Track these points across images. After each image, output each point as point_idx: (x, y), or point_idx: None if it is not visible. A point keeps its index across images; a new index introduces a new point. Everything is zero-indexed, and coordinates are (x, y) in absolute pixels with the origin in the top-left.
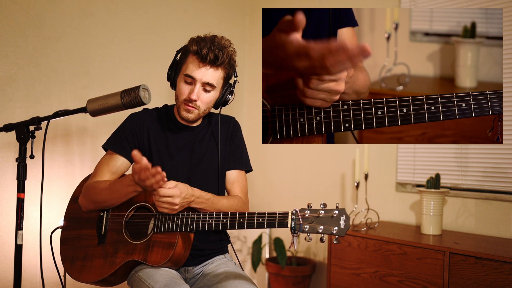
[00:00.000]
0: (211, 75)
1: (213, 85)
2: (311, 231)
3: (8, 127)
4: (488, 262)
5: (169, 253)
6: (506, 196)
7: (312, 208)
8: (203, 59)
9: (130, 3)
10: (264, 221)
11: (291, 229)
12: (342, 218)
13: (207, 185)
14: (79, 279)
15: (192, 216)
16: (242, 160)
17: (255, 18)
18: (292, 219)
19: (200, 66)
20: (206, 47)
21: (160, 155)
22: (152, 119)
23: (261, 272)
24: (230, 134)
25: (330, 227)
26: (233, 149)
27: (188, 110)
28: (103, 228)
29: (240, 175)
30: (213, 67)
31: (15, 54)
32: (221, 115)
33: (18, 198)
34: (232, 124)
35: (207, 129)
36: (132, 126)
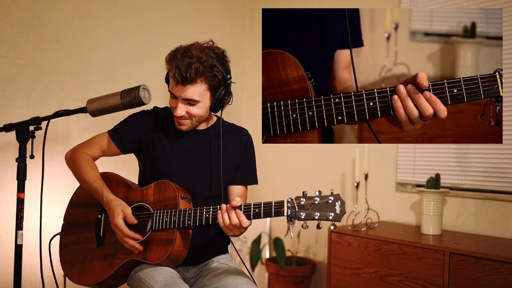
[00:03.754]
0: (191, 92)
1: (195, 100)
2: (307, 218)
3: (8, 127)
4: (488, 262)
5: (168, 249)
6: (506, 196)
7: (307, 195)
8: (176, 81)
9: (130, 3)
10: (261, 211)
11: (287, 217)
12: (338, 204)
13: (206, 188)
14: (79, 282)
15: (189, 211)
16: (251, 176)
17: (255, 18)
18: (288, 207)
19: (178, 85)
20: (176, 68)
21: (164, 154)
22: (160, 118)
23: (261, 272)
24: (243, 148)
25: (326, 213)
26: (244, 164)
27: (179, 123)
28: (101, 230)
29: (245, 191)
30: (190, 84)
31: (15, 54)
32: (234, 125)
33: (18, 198)
34: (246, 138)
35: (215, 135)
36: (138, 123)
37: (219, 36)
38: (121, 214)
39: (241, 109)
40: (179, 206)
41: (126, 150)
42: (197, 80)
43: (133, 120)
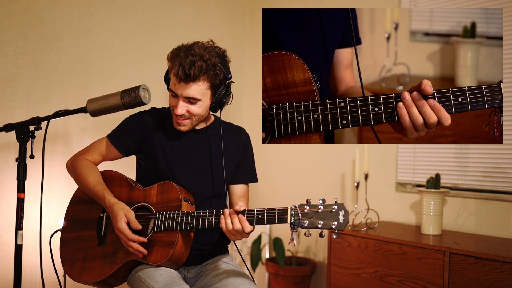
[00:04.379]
0: (192, 90)
1: (196, 99)
2: (310, 226)
3: (8, 127)
4: (488, 262)
5: (169, 251)
6: (506, 196)
7: (311, 203)
8: (178, 78)
9: (130, 3)
10: (264, 217)
11: (291, 224)
12: (341, 213)
13: (208, 188)
14: (79, 280)
15: (192, 214)
16: (251, 174)
17: (255, 18)
18: (292, 215)
19: (180, 83)
20: (179, 65)
21: (165, 155)
22: (159, 119)
23: (261, 272)
24: (242, 147)
25: (329, 222)
26: (244, 163)
27: (178, 124)
28: (103, 229)
29: (247, 189)
30: (193, 82)
31: (15, 54)
32: (232, 124)
33: (18, 198)
34: (244, 137)
35: (214, 134)
36: (137, 124)
37: (219, 36)
38: (124, 218)
39: (241, 109)
40: (182, 208)
41: (127, 152)
42: (200, 78)
43: (131, 122)
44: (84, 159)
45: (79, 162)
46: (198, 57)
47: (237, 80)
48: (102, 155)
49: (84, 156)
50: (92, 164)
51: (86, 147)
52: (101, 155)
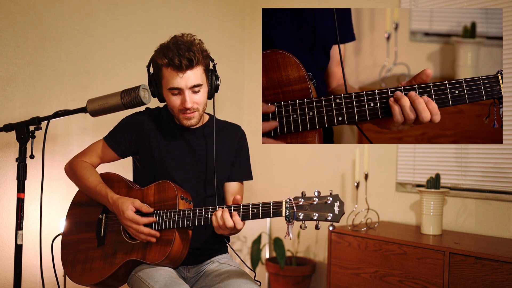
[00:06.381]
0: (194, 77)
1: (199, 84)
2: (305, 218)
3: (8, 127)
4: (488, 262)
5: (167, 250)
6: (506, 196)
7: (306, 196)
8: (179, 68)
9: (130, 3)
10: (259, 211)
11: (286, 217)
12: (336, 204)
13: (203, 188)
14: (80, 282)
15: (188, 212)
16: (246, 171)
17: (255, 18)
18: (286, 208)
19: (180, 75)
20: (175, 55)
21: (162, 155)
22: (154, 119)
23: (261, 272)
24: (237, 145)
25: (325, 213)
26: (239, 161)
27: (187, 118)
28: (102, 230)
29: (242, 186)
30: (191, 69)
31: (15, 54)
32: (227, 122)
33: (18, 198)
34: (239, 134)
35: (210, 133)
36: (133, 125)
37: (219, 36)
38: (131, 207)
39: (241, 109)
40: (179, 206)
41: (123, 154)
42: (199, 63)
43: (127, 123)
44: (83, 161)
45: (77, 164)
46: (188, 44)
47: (237, 80)
48: (100, 157)
49: (81, 158)
50: (91, 166)
51: (83, 150)
52: (98, 157)
